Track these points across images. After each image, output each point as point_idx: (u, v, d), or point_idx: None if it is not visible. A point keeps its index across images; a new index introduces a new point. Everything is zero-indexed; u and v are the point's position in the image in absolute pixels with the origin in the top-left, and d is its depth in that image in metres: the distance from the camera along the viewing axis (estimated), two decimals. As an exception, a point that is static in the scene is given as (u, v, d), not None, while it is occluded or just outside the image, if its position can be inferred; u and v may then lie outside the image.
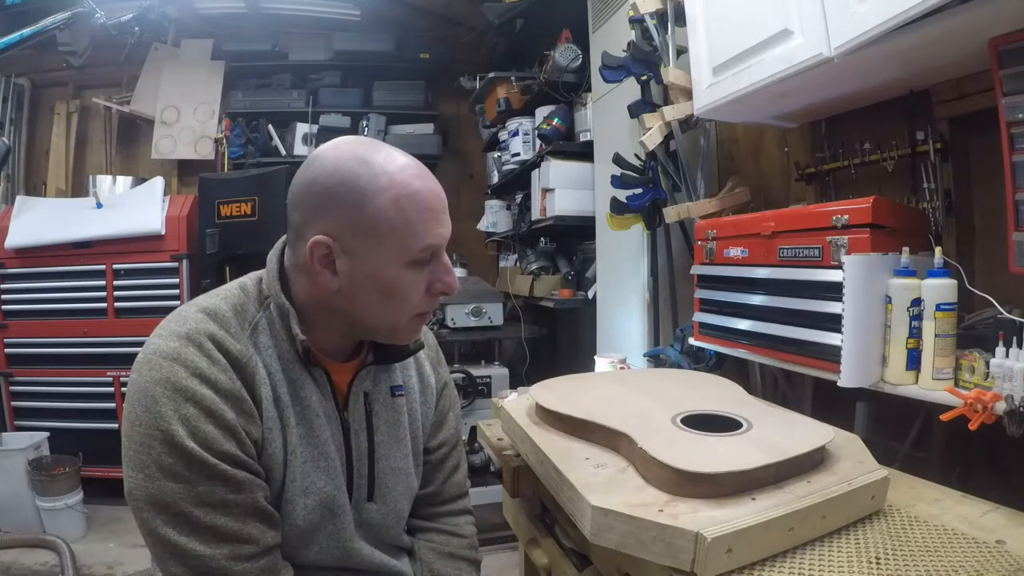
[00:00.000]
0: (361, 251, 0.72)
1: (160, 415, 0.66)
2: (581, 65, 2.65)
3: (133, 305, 2.82)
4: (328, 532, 0.79)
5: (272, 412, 0.73)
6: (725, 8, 1.37)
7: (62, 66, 3.27)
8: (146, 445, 0.66)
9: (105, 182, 3.29)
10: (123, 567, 2.28)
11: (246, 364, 0.72)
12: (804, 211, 1.23)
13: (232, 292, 0.78)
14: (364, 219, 0.71)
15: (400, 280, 0.74)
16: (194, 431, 0.66)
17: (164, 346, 0.69)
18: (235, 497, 0.68)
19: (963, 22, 0.91)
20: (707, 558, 0.63)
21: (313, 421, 0.77)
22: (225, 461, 0.67)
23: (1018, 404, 0.80)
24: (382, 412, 0.87)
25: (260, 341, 0.75)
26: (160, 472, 0.66)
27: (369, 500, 0.85)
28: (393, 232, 0.72)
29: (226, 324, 0.73)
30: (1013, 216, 0.92)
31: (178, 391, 0.67)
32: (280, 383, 0.75)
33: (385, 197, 0.71)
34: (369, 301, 0.75)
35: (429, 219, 0.74)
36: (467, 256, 3.69)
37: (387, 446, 0.86)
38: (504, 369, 2.90)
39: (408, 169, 0.74)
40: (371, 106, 3.84)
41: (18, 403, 2.86)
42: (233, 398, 0.69)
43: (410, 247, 0.73)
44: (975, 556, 0.68)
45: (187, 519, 0.66)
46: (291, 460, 0.75)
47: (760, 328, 1.27)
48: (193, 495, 0.66)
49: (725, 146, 2.01)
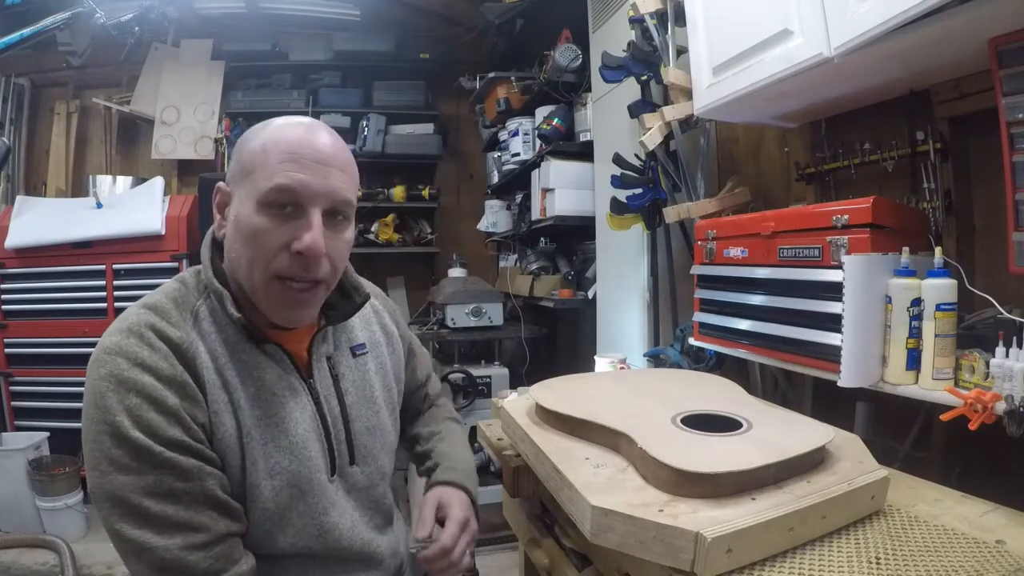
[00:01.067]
0: (235, 194, 0.76)
1: (107, 408, 0.68)
2: (581, 65, 2.65)
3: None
4: (300, 511, 0.79)
5: (220, 395, 0.74)
6: (725, 8, 1.37)
7: (62, 66, 3.27)
8: (97, 441, 0.68)
9: (105, 182, 3.30)
10: (123, 567, 2.27)
11: (187, 350, 0.73)
12: (804, 211, 1.23)
13: (171, 286, 0.80)
14: (242, 161, 0.76)
15: (251, 222, 0.72)
16: (138, 420, 0.67)
17: (108, 342, 0.71)
18: (184, 486, 0.69)
19: (963, 22, 0.91)
20: (707, 558, 0.63)
21: (270, 401, 0.77)
22: (171, 448, 0.68)
23: (1018, 404, 0.80)
24: (348, 374, 0.87)
25: (203, 328, 0.76)
26: (111, 466, 0.67)
27: (351, 464, 0.85)
28: (253, 171, 0.73)
29: (166, 314, 0.74)
30: (1013, 216, 0.92)
31: (121, 383, 0.68)
32: (227, 367, 0.75)
33: (256, 141, 0.75)
34: (236, 249, 0.75)
35: (288, 160, 0.72)
36: (467, 256, 3.69)
37: (359, 407, 0.87)
38: (504, 369, 2.90)
39: (291, 122, 0.77)
40: (371, 106, 3.84)
41: (18, 403, 2.86)
42: (175, 384, 0.70)
43: (261, 186, 0.72)
44: (975, 556, 0.68)
45: (138, 511, 0.67)
46: (248, 443, 0.75)
47: (760, 328, 1.27)
48: (142, 486, 0.67)
49: (725, 146, 2.01)
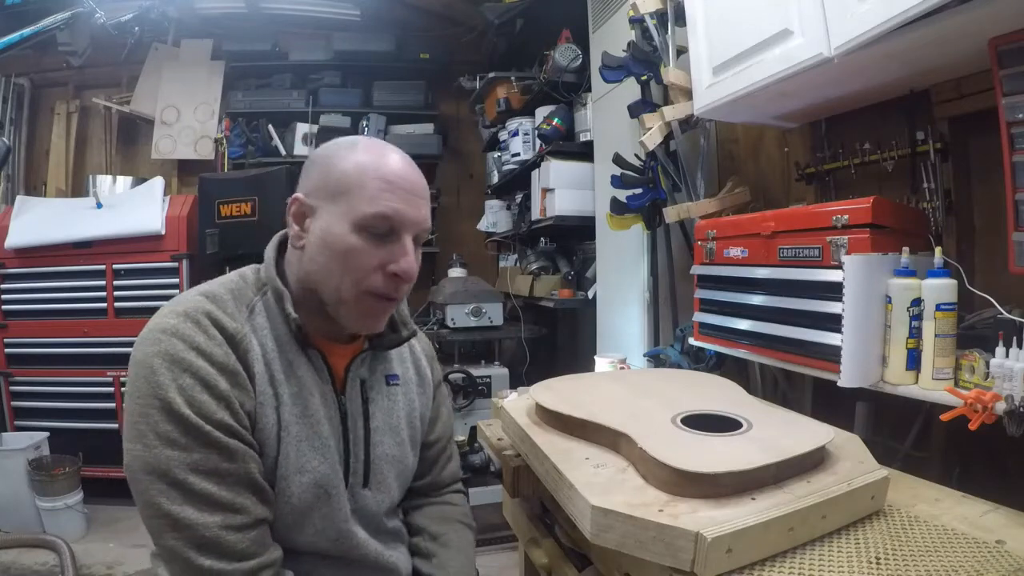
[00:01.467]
0: (322, 209, 0.78)
1: (159, 384, 0.69)
2: (581, 65, 2.65)
3: (133, 305, 2.82)
4: (323, 514, 0.80)
5: (266, 388, 0.76)
6: (725, 8, 1.37)
7: (62, 66, 3.27)
8: (144, 414, 0.69)
9: (105, 182, 3.29)
10: (123, 567, 2.28)
11: (240, 340, 0.75)
12: (804, 211, 1.23)
13: (230, 279, 0.82)
14: (330, 180, 0.77)
15: (346, 241, 0.75)
16: (190, 400, 0.69)
17: (163, 323, 0.73)
18: (228, 466, 0.70)
19: (963, 22, 0.91)
20: (707, 558, 0.63)
21: (308, 400, 0.79)
22: (219, 429, 0.70)
23: (1018, 404, 0.80)
24: (378, 399, 0.89)
25: (257, 322, 0.78)
26: (157, 439, 0.68)
27: (364, 486, 0.86)
28: (349, 192, 0.76)
29: (222, 304, 0.77)
30: (1013, 216, 0.92)
31: (175, 362, 0.70)
32: (274, 361, 0.78)
33: (350, 162, 0.77)
34: (320, 261, 0.77)
35: (387, 189, 0.76)
36: (467, 256, 3.69)
37: (382, 432, 0.88)
38: (504, 369, 2.90)
39: (384, 150, 0.79)
40: (371, 106, 3.84)
41: (18, 403, 2.86)
42: (228, 371, 0.72)
43: (359, 209, 0.75)
44: (975, 556, 0.68)
45: (182, 486, 0.68)
46: (284, 437, 0.77)
47: (760, 328, 1.27)
48: (188, 462, 0.68)
49: (725, 146, 2.01)
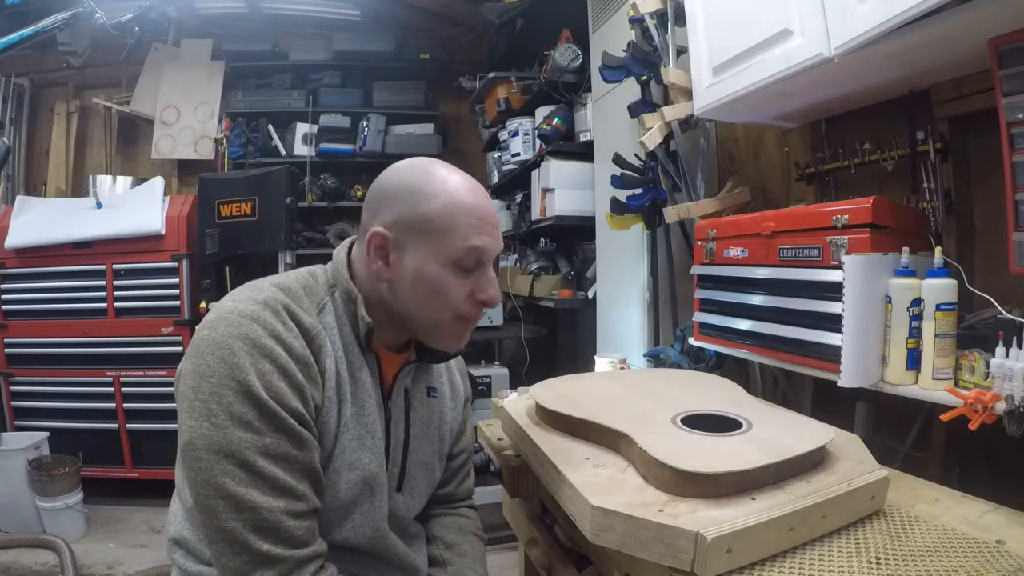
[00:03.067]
0: (411, 246, 0.79)
1: (238, 366, 0.69)
2: (581, 65, 2.64)
3: (133, 305, 2.82)
4: (364, 509, 0.82)
5: (333, 384, 0.78)
6: (725, 8, 1.37)
7: (62, 66, 3.27)
8: (217, 394, 0.68)
9: (105, 182, 3.29)
10: (123, 567, 2.28)
11: (315, 336, 0.77)
12: (804, 211, 1.23)
13: (302, 275, 0.84)
14: (417, 218, 0.79)
15: (441, 279, 0.79)
16: (268, 385, 0.70)
17: (243, 308, 0.73)
18: (297, 453, 0.72)
19: (963, 22, 0.91)
20: (707, 558, 0.63)
21: (365, 401, 0.82)
22: (293, 416, 0.71)
23: (1018, 404, 0.80)
24: (419, 408, 0.92)
25: (326, 321, 0.80)
26: (230, 420, 0.68)
27: (398, 491, 0.89)
28: (441, 232, 0.78)
29: (298, 299, 0.78)
30: (1013, 216, 0.92)
31: (256, 347, 0.70)
32: (342, 360, 0.80)
33: (438, 201, 0.79)
34: (413, 296, 0.80)
35: (474, 225, 0.79)
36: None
37: (419, 440, 0.92)
38: (504, 369, 2.89)
39: (463, 184, 0.82)
40: (371, 106, 3.84)
41: (18, 403, 2.86)
42: (303, 363, 0.74)
43: (453, 247, 0.79)
44: (975, 556, 0.68)
45: (249, 468, 0.68)
46: (342, 433, 0.79)
47: (760, 328, 1.27)
48: (260, 445, 0.69)
49: (725, 146, 2.01)
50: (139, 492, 2.79)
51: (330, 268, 0.86)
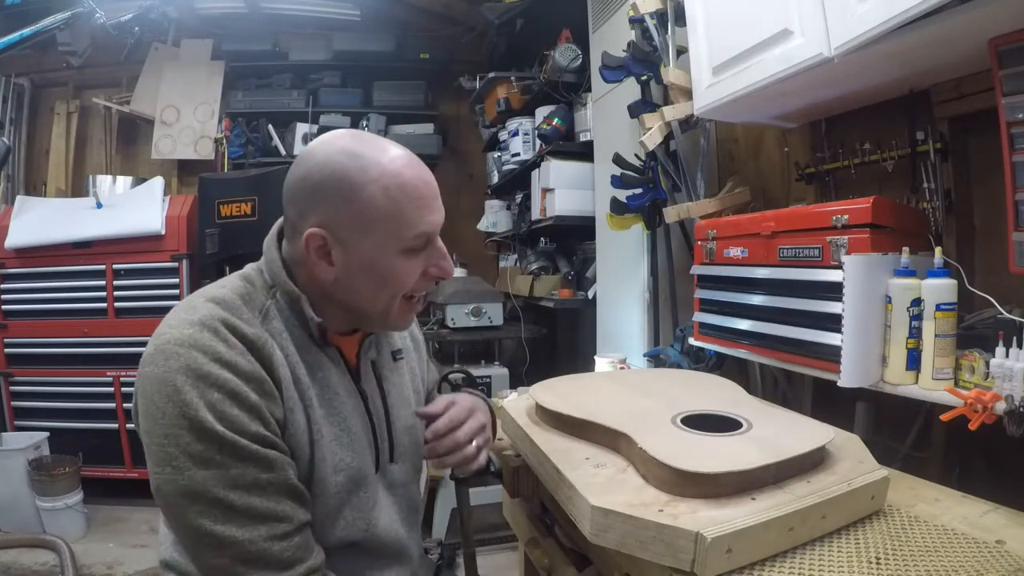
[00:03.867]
0: (355, 241, 0.74)
1: (186, 403, 0.65)
2: (581, 65, 2.64)
3: (133, 305, 2.82)
4: (353, 504, 0.80)
5: (293, 393, 0.74)
6: (725, 8, 1.37)
7: (62, 66, 3.27)
8: (172, 436, 0.65)
9: (105, 182, 3.29)
10: (123, 567, 2.28)
11: (262, 347, 0.72)
12: (804, 211, 1.23)
13: (236, 283, 0.78)
14: (355, 209, 0.73)
15: (395, 268, 0.76)
16: (221, 415, 0.66)
17: (179, 334, 0.68)
18: (267, 476, 0.69)
19: (963, 22, 0.91)
20: (707, 558, 0.63)
21: (333, 400, 0.80)
22: (255, 441, 0.68)
23: (1018, 404, 0.80)
24: (390, 376, 0.91)
25: (273, 327, 0.76)
26: (190, 461, 0.65)
27: (392, 461, 0.88)
28: (386, 221, 0.73)
29: (237, 311, 0.73)
30: (1013, 216, 0.92)
31: (200, 377, 0.66)
32: (297, 365, 0.76)
33: (375, 187, 0.72)
34: (365, 289, 0.77)
35: (421, 207, 0.75)
36: (467, 256, 3.69)
37: (398, 408, 0.91)
38: (504, 369, 2.89)
39: (398, 159, 0.75)
40: (371, 106, 3.84)
41: (18, 403, 2.86)
42: (254, 380, 0.70)
43: (403, 235, 0.74)
44: (975, 556, 0.68)
45: (221, 505, 0.66)
46: (318, 440, 0.76)
47: (760, 328, 1.27)
48: (227, 479, 0.66)
49: (725, 146, 2.01)
50: (139, 492, 2.79)
51: (265, 268, 0.79)
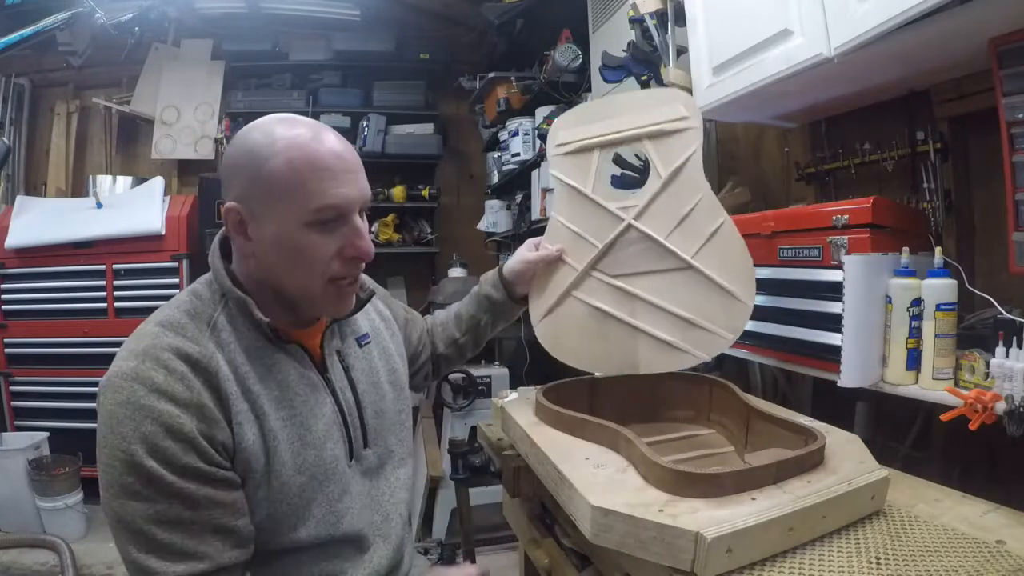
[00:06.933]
0: (263, 214, 0.75)
1: (122, 436, 0.68)
2: (581, 65, 2.64)
3: (133, 305, 2.82)
4: (319, 501, 0.80)
5: (242, 406, 0.74)
6: (725, 8, 1.37)
7: (62, 66, 3.26)
8: (110, 466, 0.68)
9: (105, 182, 3.30)
10: (123, 567, 2.27)
11: (207, 365, 0.73)
12: (804, 211, 1.23)
13: (184, 299, 0.79)
14: (262, 182, 0.74)
15: (301, 242, 0.75)
16: (153, 449, 0.68)
17: (123, 367, 0.71)
18: (191, 515, 0.70)
19: (963, 22, 0.91)
20: (707, 558, 0.63)
21: (293, 400, 0.79)
22: (185, 476, 0.69)
23: (1018, 404, 0.80)
24: (357, 364, 0.90)
25: (221, 338, 0.76)
26: (122, 491, 0.68)
27: (365, 447, 0.88)
28: (288, 192, 0.73)
29: (182, 330, 0.74)
30: (1013, 216, 0.92)
31: (137, 410, 0.68)
32: (248, 375, 0.76)
33: (279, 159, 0.73)
34: (277, 265, 0.77)
35: (325, 178, 0.74)
36: (467, 256, 3.68)
37: (368, 393, 0.90)
38: (504, 369, 2.89)
39: (305, 133, 0.75)
40: (371, 106, 3.83)
41: (18, 403, 2.87)
42: (192, 407, 0.70)
43: (305, 207, 0.73)
44: (975, 556, 0.68)
45: (144, 536, 0.68)
46: (274, 446, 0.76)
47: (760, 328, 1.26)
48: (151, 514, 0.68)
49: (725, 146, 2.01)
50: (139, 492, 2.79)
51: (214, 278, 0.81)
